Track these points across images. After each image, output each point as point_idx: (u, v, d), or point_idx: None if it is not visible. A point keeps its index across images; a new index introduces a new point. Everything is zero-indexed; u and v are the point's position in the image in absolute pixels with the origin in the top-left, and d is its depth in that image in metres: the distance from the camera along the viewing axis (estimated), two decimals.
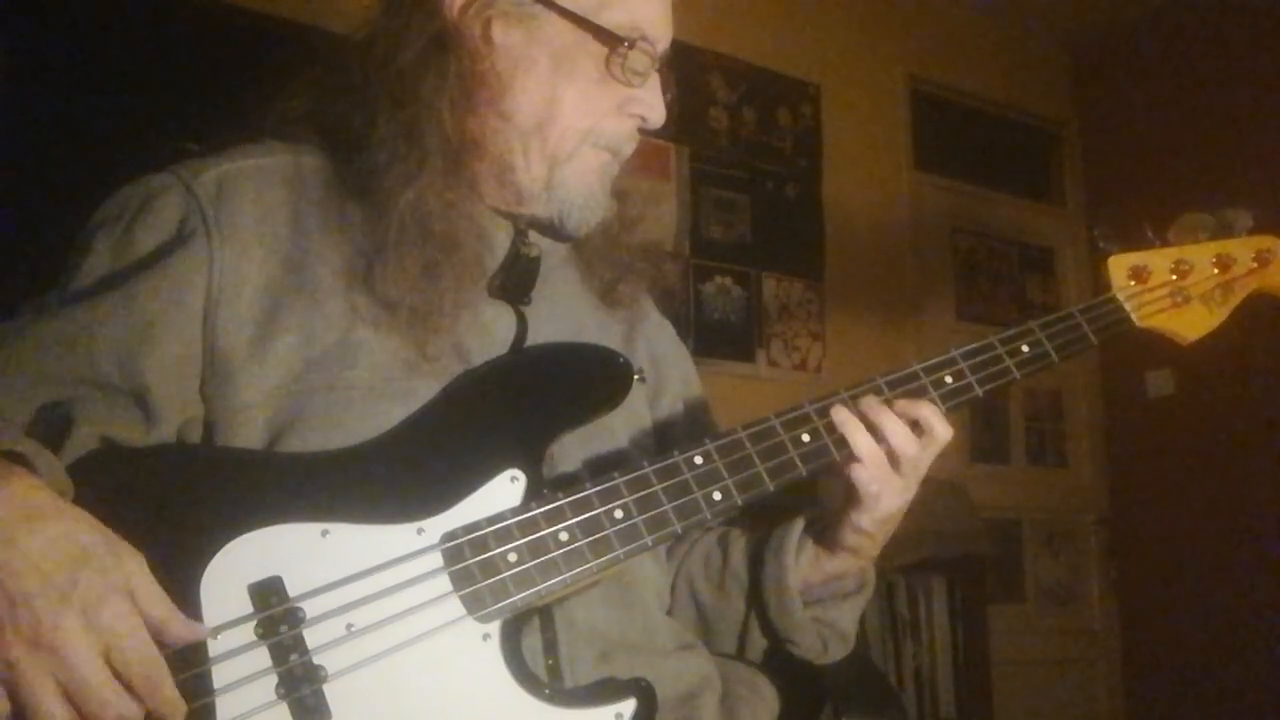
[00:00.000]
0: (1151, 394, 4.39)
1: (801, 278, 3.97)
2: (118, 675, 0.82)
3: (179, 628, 0.87)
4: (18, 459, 0.87)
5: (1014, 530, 4.44)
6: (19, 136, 2.58)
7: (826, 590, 1.21)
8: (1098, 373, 4.66)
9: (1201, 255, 1.33)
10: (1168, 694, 4.29)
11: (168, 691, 0.84)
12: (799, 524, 1.22)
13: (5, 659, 0.79)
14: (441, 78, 1.11)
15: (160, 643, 0.85)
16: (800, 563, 1.20)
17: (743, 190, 3.91)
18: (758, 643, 1.24)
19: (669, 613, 1.27)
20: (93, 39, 2.73)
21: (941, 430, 1.13)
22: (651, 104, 1.17)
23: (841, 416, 1.11)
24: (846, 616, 1.23)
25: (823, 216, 4.06)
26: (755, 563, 1.23)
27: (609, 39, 1.13)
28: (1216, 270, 1.33)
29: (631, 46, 1.13)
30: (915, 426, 1.13)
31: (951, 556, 3.35)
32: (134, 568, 0.85)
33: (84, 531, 0.84)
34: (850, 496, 1.13)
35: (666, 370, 1.34)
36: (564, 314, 1.22)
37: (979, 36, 4.62)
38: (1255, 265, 1.33)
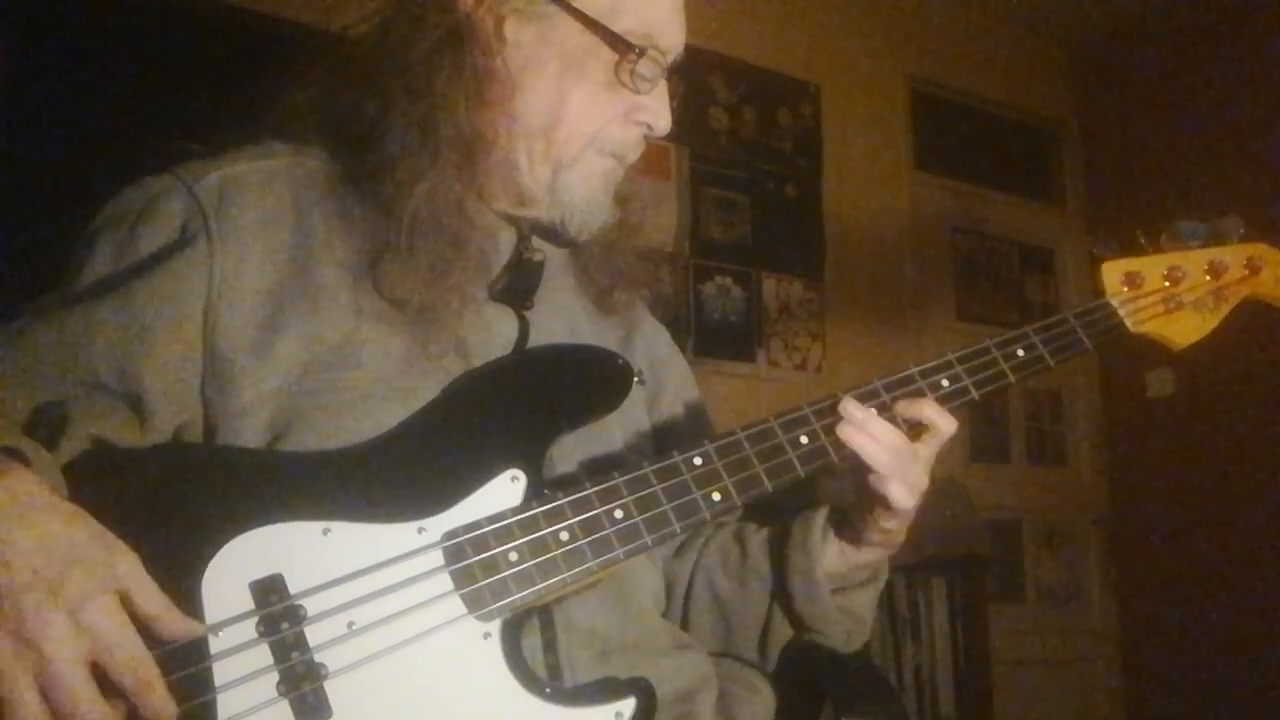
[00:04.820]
0: (1151, 394, 4.40)
1: (801, 278, 3.97)
2: (107, 675, 0.81)
3: (175, 624, 0.86)
4: (15, 455, 0.87)
5: (1014, 530, 4.45)
6: (20, 137, 2.58)
7: (844, 580, 1.22)
8: (1098, 373, 4.66)
9: (1194, 262, 1.34)
10: (1168, 694, 4.29)
11: (159, 691, 0.83)
12: (820, 516, 1.22)
13: None
14: (457, 70, 1.11)
15: (158, 640, 0.85)
16: (826, 554, 1.20)
17: (743, 190, 3.91)
18: (781, 635, 1.25)
19: (687, 609, 1.27)
20: (94, 40, 2.73)
21: (945, 425, 1.14)
22: (658, 112, 1.16)
23: (848, 433, 1.11)
24: (864, 604, 1.24)
25: (823, 216, 4.07)
26: (777, 555, 1.23)
27: (621, 45, 1.12)
28: (1209, 277, 1.34)
29: (642, 54, 1.13)
30: (919, 426, 1.14)
31: (951, 556, 3.35)
32: (126, 566, 0.84)
33: (78, 528, 0.84)
34: (875, 503, 1.14)
35: (665, 373, 1.35)
36: (562, 319, 1.22)
37: (979, 36, 4.62)
38: (1247, 272, 1.35)
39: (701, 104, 3.85)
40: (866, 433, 1.11)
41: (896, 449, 1.12)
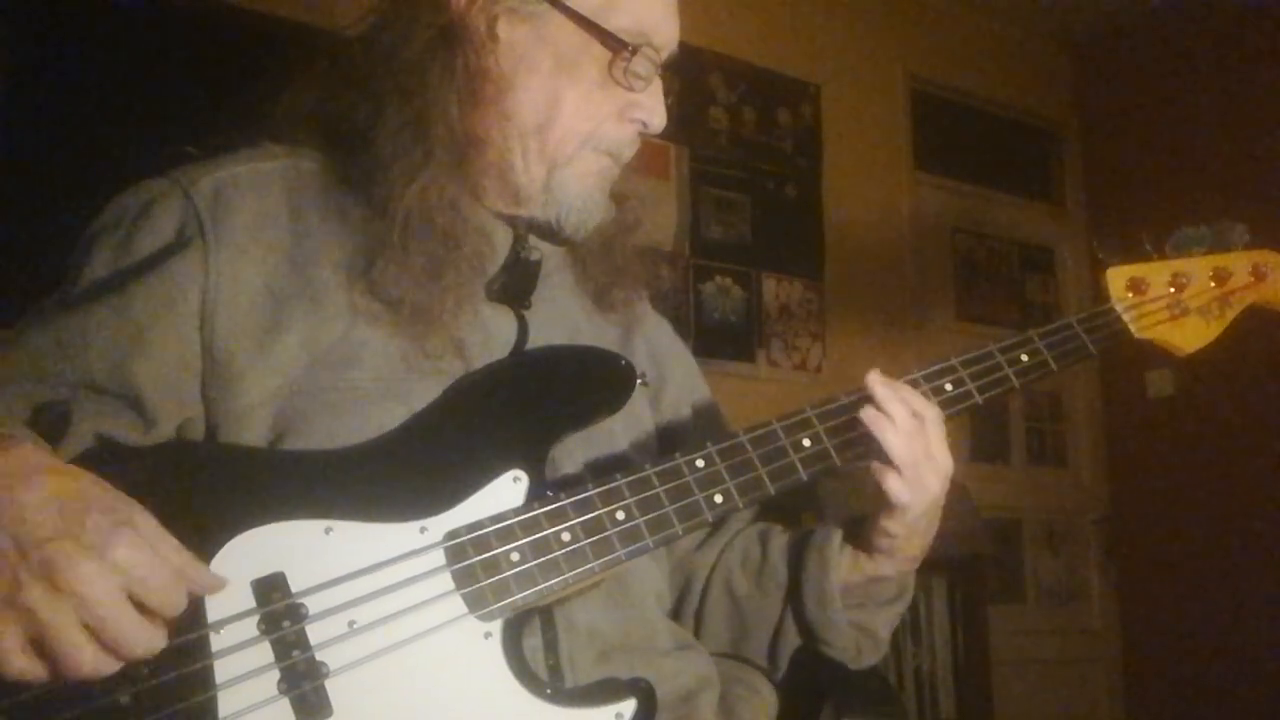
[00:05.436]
0: (1151, 394, 4.40)
1: (801, 278, 3.97)
2: (140, 607, 0.82)
3: (197, 571, 0.86)
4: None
5: (1014, 530, 4.45)
6: (19, 139, 2.58)
7: (865, 595, 1.21)
8: (1098, 373, 4.66)
9: (1199, 268, 1.34)
10: (1168, 694, 4.29)
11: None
12: (839, 528, 1.22)
13: (25, 606, 0.78)
14: (449, 70, 1.11)
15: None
16: (841, 565, 1.20)
17: (743, 190, 3.91)
18: (790, 641, 1.24)
19: (703, 604, 1.27)
20: (93, 42, 2.73)
21: (928, 412, 1.14)
22: (653, 109, 1.16)
23: (870, 415, 1.11)
24: (882, 622, 1.24)
25: (823, 216, 4.07)
26: (795, 561, 1.23)
27: (614, 43, 1.12)
28: (1214, 283, 1.34)
29: (636, 52, 1.13)
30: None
31: (951, 556, 3.35)
32: (140, 515, 0.85)
33: (84, 481, 0.85)
34: (879, 503, 1.14)
35: (668, 368, 1.34)
36: (561, 318, 1.22)
37: (979, 36, 4.62)
38: (1252, 279, 1.34)
39: (701, 104, 3.85)
40: (889, 409, 1.11)
41: (910, 433, 1.11)
